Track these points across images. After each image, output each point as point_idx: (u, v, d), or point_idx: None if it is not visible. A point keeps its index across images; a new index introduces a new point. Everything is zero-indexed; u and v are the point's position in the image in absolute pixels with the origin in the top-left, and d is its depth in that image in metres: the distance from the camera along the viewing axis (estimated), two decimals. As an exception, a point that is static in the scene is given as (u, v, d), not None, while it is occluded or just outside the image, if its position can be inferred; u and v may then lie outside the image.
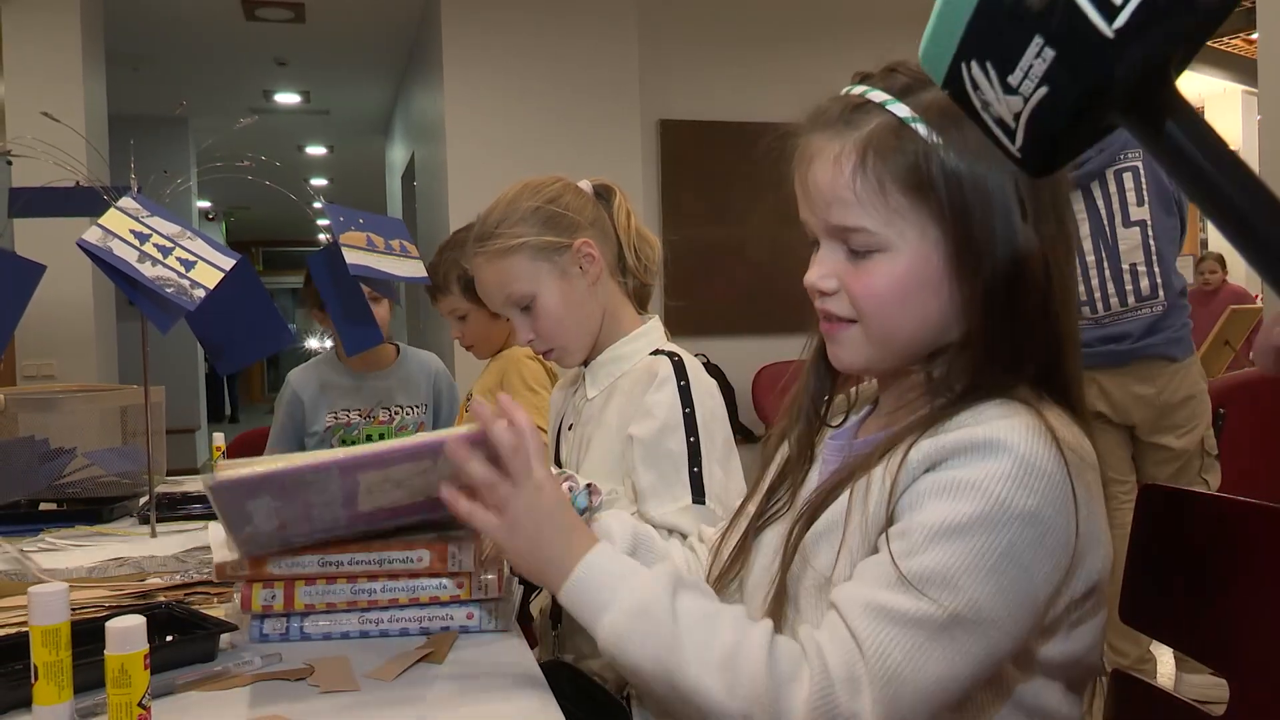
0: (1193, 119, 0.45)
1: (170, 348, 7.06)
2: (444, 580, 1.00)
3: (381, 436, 2.49)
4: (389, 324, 2.54)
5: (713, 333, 5.34)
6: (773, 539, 0.90)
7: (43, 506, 1.73)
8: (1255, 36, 3.30)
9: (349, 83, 6.78)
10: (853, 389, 0.96)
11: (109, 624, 0.71)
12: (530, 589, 1.50)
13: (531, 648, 1.53)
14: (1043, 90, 0.47)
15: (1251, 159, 3.13)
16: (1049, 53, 0.46)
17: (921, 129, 0.78)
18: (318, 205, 10.21)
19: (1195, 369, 2.51)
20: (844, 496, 0.80)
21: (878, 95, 0.81)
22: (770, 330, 5.43)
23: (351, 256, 1.34)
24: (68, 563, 1.33)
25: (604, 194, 1.48)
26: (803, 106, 0.89)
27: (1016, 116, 0.50)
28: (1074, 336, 0.80)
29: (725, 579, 0.94)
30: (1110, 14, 0.44)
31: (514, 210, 1.38)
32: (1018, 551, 0.69)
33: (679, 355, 1.40)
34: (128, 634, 0.71)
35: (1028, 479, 0.70)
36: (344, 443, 2.46)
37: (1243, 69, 6.91)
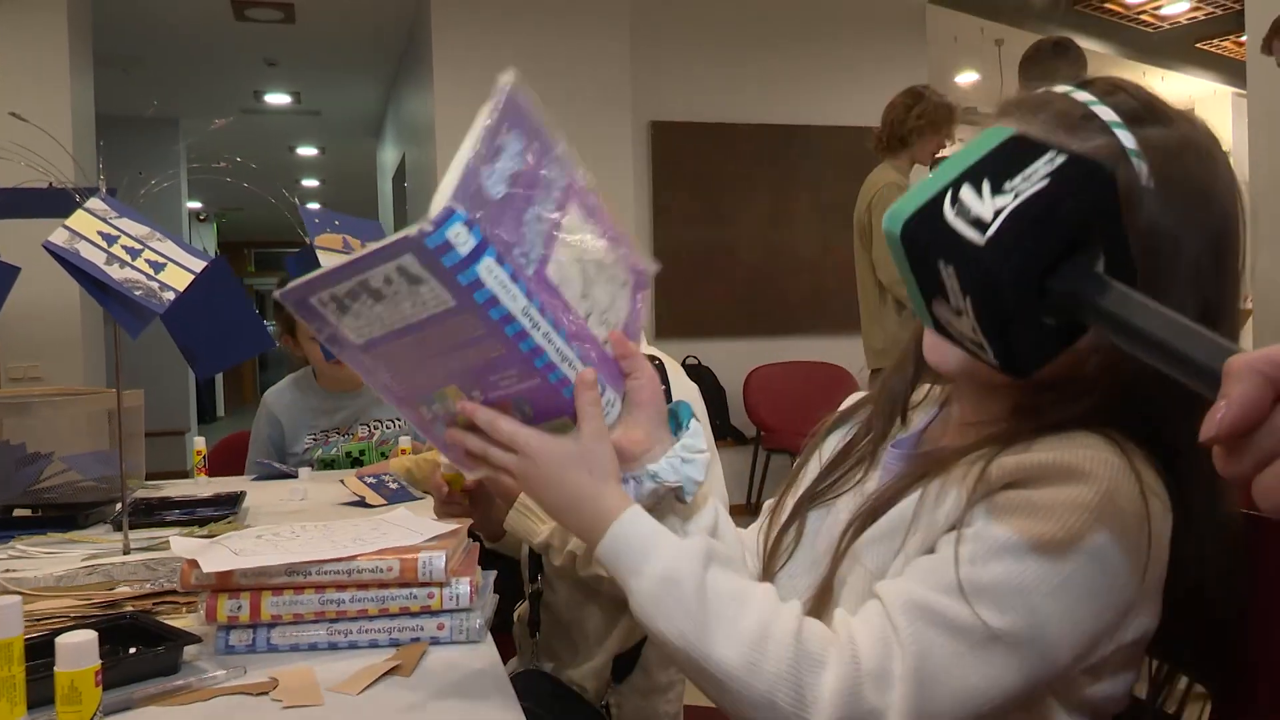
0: (1116, 293, 0.52)
1: (160, 349, 7.01)
2: (414, 590, 0.98)
3: (362, 453, 2.45)
4: None
5: (704, 334, 5.33)
6: (822, 523, 0.87)
7: (17, 512, 1.70)
8: (1244, 39, 3.29)
9: (340, 84, 6.75)
10: (922, 388, 0.93)
11: (59, 640, 0.69)
12: (512, 598, 1.47)
13: (512, 655, 1.52)
14: (969, 301, 0.56)
15: (1241, 160, 3.13)
16: (950, 269, 0.56)
17: (1143, 169, 0.71)
18: (309, 205, 10.14)
19: None
20: (908, 501, 0.77)
21: (1105, 113, 0.74)
22: (762, 332, 5.42)
23: (327, 260, 1.32)
24: (37, 571, 1.30)
25: None
26: (791, 110, 0.86)
27: (975, 330, 0.57)
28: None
29: (777, 557, 0.90)
30: (982, 228, 0.53)
31: None
32: (1076, 583, 0.67)
33: (659, 359, 1.38)
34: (78, 650, 0.69)
35: (1106, 514, 0.68)
36: (323, 463, 2.43)
37: (1232, 71, 6.91)
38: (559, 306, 0.77)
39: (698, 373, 5.10)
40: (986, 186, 0.54)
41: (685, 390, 1.37)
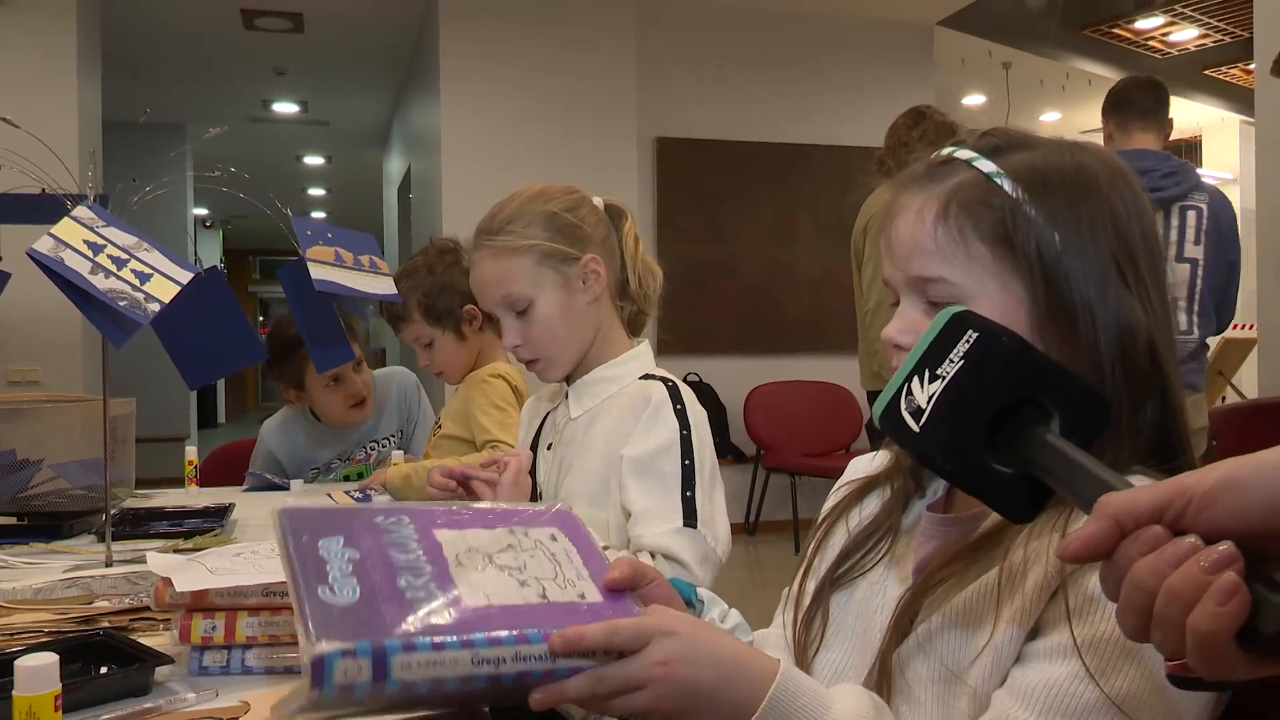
0: (1051, 452, 0.57)
1: (160, 355, 6.99)
2: (393, 613, 0.95)
3: (360, 475, 2.41)
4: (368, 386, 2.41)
5: (705, 351, 5.31)
6: (852, 601, 0.84)
7: (1, 520, 1.68)
8: (1253, 67, 3.28)
9: (347, 93, 6.77)
10: None
11: (17, 663, 0.67)
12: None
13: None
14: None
15: (1249, 187, 3.11)
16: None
17: (1007, 185, 0.76)
18: (314, 215, 10.21)
19: (1204, 401, 2.59)
20: (979, 585, 0.73)
21: (964, 153, 0.79)
22: (763, 350, 5.40)
23: (318, 272, 1.30)
24: (16, 582, 1.28)
25: (614, 215, 1.45)
26: (796, 129, 0.87)
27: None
28: (1184, 420, 0.76)
29: (808, 646, 0.86)
30: (919, 417, 0.60)
31: (530, 210, 1.35)
32: None
33: (672, 380, 1.36)
34: (37, 674, 0.67)
35: None
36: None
37: (1240, 98, 6.91)
38: (512, 620, 0.65)
39: (698, 390, 5.06)
40: (926, 375, 0.60)
41: (697, 412, 1.33)
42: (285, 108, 7.10)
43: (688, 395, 1.34)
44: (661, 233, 5.28)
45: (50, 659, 0.68)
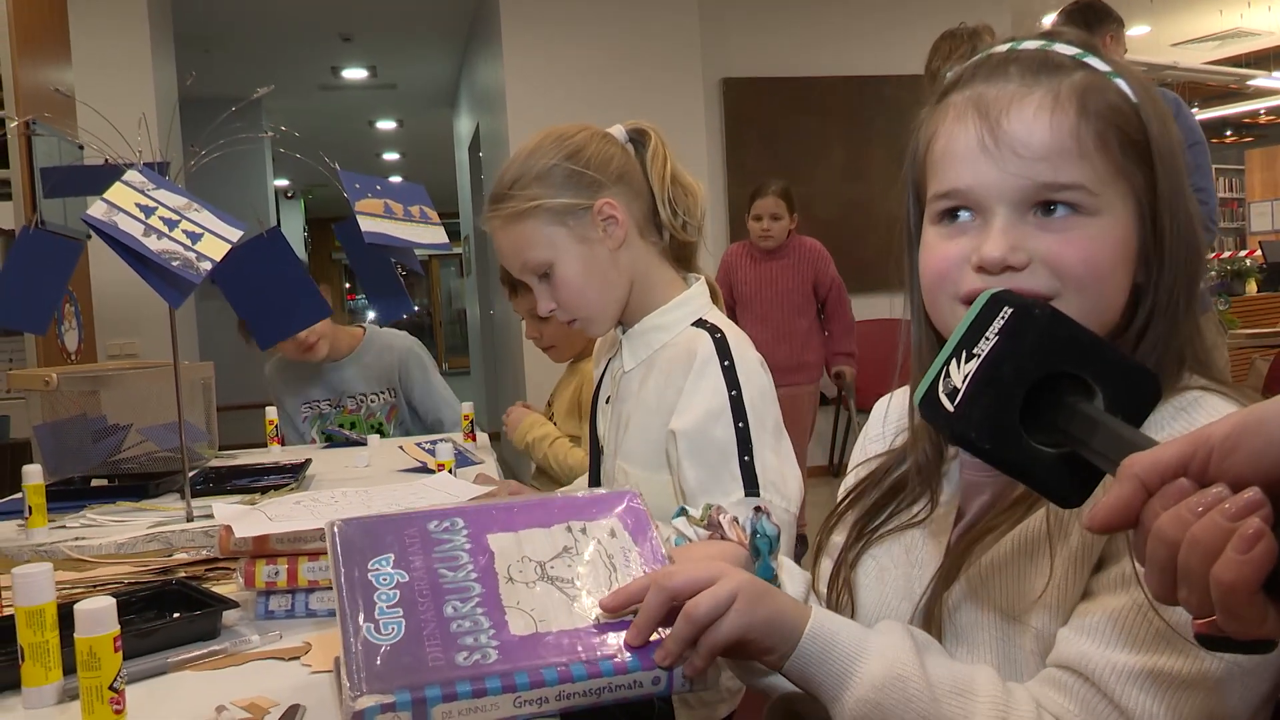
0: (1079, 419, 0.55)
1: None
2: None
3: (353, 426, 2.48)
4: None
5: (780, 294, 5.23)
6: (887, 558, 0.80)
7: (95, 482, 1.76)
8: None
9: (414, 55, 6.80)
10: None
11: (77, 606, 0.70)
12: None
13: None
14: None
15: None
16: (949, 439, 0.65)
17: (1127, 88, 0.70)
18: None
19: None
20: (1029, 524, 0.70)
21: (1065, 48, 0.71)
22: (839, 290, 5.30)
23: (368, 224, 1.31)
24: (103, 539, 1.34)
25: (639, 139, 1.34)
26: (865, 61, 0.82)
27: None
28: (1202, 333, 0.74)
29: (838, 606, 0.83)
30: (954, 397, 0.58)
31: (530, 168, 1.26)
32: None
33: (721, 331, 1.25)
34: (96, 616, 0.69)
35: None
36: (321, 434, 2.46)
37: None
38: (559, 650, 0.65)
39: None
40: (963, 356, 0.59)
41: (749, 362, 1.23)
42: (354, 73, 7.18)
43: (738, 345, 1.24)
44: (732, 176, 5.20)
45: (108, 602, 0.70)
